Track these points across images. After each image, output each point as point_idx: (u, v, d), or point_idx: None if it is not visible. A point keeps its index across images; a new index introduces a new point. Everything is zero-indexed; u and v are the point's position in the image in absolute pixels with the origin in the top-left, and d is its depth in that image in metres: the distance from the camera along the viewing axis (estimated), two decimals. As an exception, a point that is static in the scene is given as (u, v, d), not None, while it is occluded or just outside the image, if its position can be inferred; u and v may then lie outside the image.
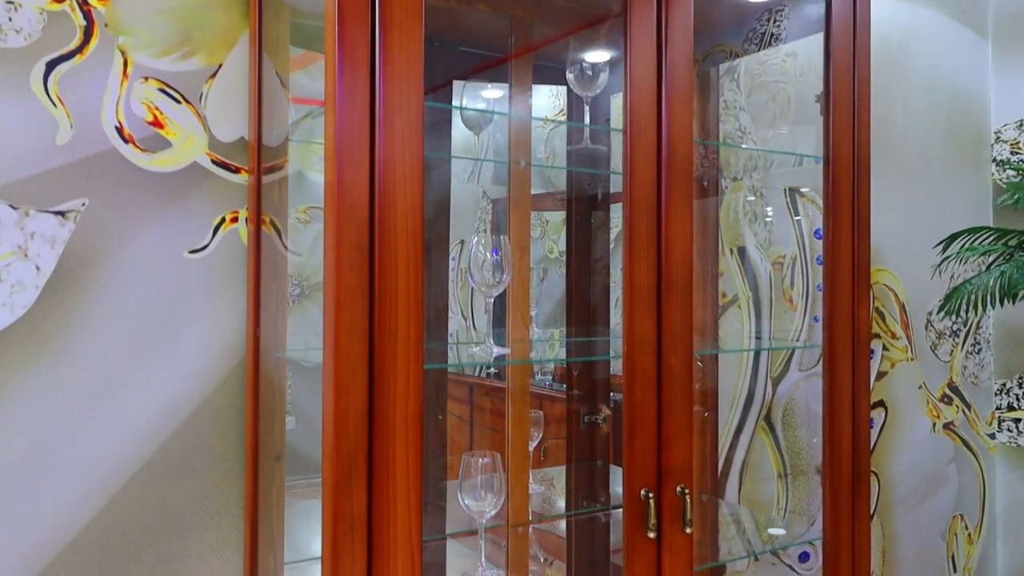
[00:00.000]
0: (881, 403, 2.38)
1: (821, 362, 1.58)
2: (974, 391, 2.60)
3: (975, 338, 2.61)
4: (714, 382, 1.99)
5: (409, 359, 1.04)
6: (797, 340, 2.18)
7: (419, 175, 1.04)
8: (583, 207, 1.88)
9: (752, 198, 2.10)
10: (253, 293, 1.37)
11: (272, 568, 1.35)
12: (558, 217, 1.94)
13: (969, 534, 2.59)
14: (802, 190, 2.20)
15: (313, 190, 1.45)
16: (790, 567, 2.16)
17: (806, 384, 2.18)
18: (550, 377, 2.09)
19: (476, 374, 2.01)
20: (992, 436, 2.64)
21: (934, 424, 2.49)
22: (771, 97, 2.19)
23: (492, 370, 1.96)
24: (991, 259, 1.93)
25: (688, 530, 1.28)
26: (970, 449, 2.59)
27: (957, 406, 2.55)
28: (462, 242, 1.91)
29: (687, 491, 1.28)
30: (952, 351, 2.54)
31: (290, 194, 1.41)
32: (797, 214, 2.19)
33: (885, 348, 2.38)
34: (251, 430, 1.36)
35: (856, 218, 1.53)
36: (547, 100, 1.98)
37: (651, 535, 1.24)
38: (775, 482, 2.15)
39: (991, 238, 1.88)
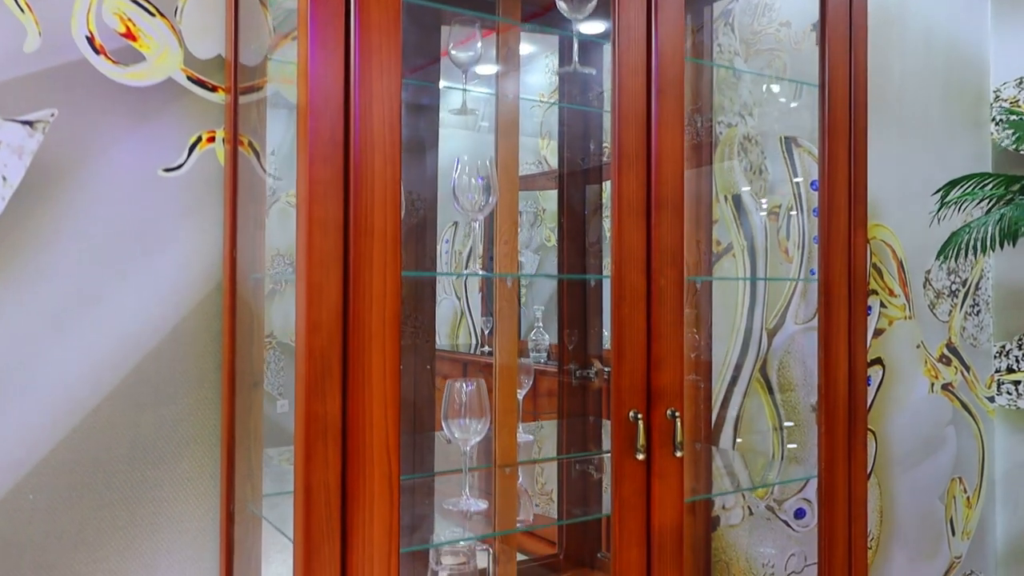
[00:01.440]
0: (879, 361, 2.34)
1: (817, 313, 1.54)
2: (973, 353, 2.56)
3: (974, 299, 2.57)
4: (708, 332, 1.94)
5: (386, 259, 1.00)
6: (793, 292, 2.14)
7: (396, 64, 0.99)
8: (576, 181, 1.85)
9: (747, 145, 2.06)
10: (230, 215, 1.32)
11: (250, 498, 1.31)
12: (554, 205, 1.91)
13: (968, 497, 2.55)
14: (799, 140, 2.16)
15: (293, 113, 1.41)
16: (786, 523, 2.12)
17: (803, 337, 2.14)
18: (545, 355, 2.05)
19: (470, 351, 1.96)
20: (991, 399, 2.60)
21: (932, 384, 2.45)
22: (767, 64, 2.15)
23: (485, 348, 1.92)
24: (990, 205, 1.89)
25: (678, 454, 1.24)
26: (969, 412, 2.55)
27: (956, 367, 2.51)
28: (455, 224, 1.87)
29: (677, 414, 1.24)
30: (951, 311, 2.50)
31: (268, 116, 1.37)
32: (794, 164, 2.15)
33: (883, 305, 2.34)
34: (228, 356, 1.32)
35: (853, 152, 1.49)
36: (543, 77, 1.94)
37: (640, 457, 1.20)
38: (770, 435, 2.10)
39: (992, 183, 1.84)
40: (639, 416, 1.20)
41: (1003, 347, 2.59)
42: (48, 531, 1.20)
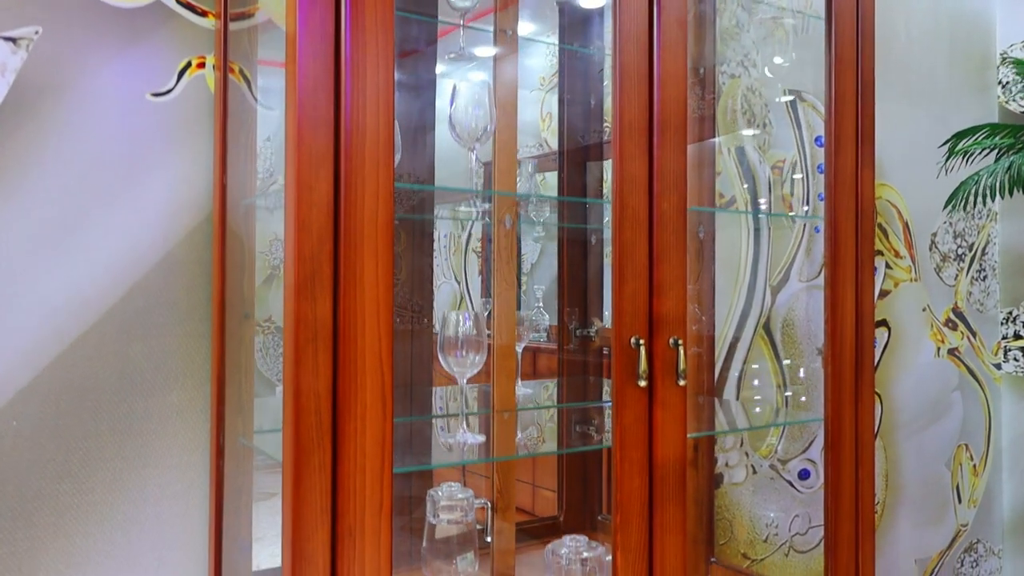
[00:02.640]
0: (884, 323, 2.30)
1: (824, 255, 1.50)
2: (979, 318, 2.52)
3: (980, 264, 2.53)
4: (711, 286, 1.91)
5: (379, 159, 0.96)
6: (797, 248, 2.10)
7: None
8: (577, 157, 1.82)
9: (750, 96, 2.02)
10: (220, 143, 1.29)
11: (240, 432, 1.27)
12: (555, 193, 1.88)
13: (974, 465, 2.51)
14: (803, 95, 2.12)
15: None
16: (790, 483, 2.08)
17: (807, 296, 2.11)
18: (544, 335, 2.02)
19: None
20: (998, 366, 2.56)
21: (938, 349, 2.41)
22: (769, 33, 2.11)
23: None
24: (999, 155, 1.85)
25: (681, 382, 1.20)
26: (975, 378, 2.51)
27: (962, 332, 2.47)
28: (454, 209, 1.84)
29: (680, 342, 1.21)
30: (957, 276, 2.46)
31: (260, 43, 1.33)
32: (798, 119, 2.11)
33: (888, 267, 2.30)
34: (218, 287, 1.28)
35: (860, 87, 1.45)
36: (543, 59, 1.91)
37: (642, 383, 1.16)
38: (774, 392, 2.07)
39: (1000, 133, 1.81)
40: (641, 342, 1.17)
41: (1010, 313, 2.55)
42: (32, 460, 1.17)
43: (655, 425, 1.19)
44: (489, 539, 1.60)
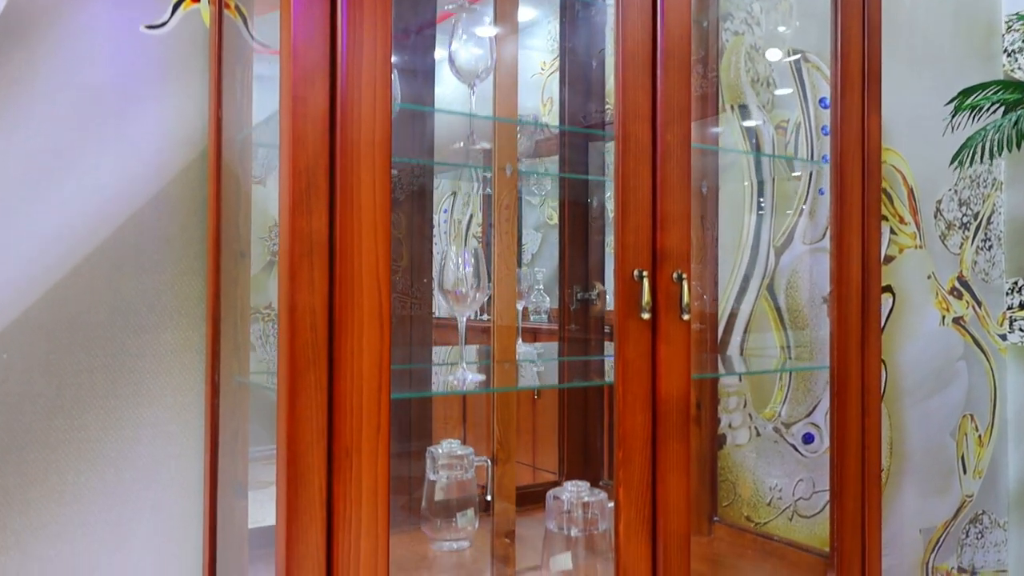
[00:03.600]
0: (889, 289, 2.27)
1: (831, 198, 1.47)
2: (985, 288, 2.49)
3: (986, 233, 2.51)
4: (714, 244, 1.88)
5: (376, 73, 0.94)
6: (801, 211, 2.08)
7: None
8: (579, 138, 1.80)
9: (753, 55, 1.99)
10: (215, 80, 1.26)
11: (236, 371, 1.25)
12: (555, 184, 1.86)
13: (979, 436, 2.49)
14: (807, 56, 2.10)
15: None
16: (794, 447, 2.06)
17: (811, 258, 2.08)
18: (545, 316, 2.00)
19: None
20: (1003, 337, 2.54)
21: (943, 317, 2.39)
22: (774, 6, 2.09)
23: (484, 316, 1.87)
24: (1006, 111, 1.82)
25: (685, 317, 1.18)
26: (980, 348, 2.48)
27: (967, 301, 2.45)
28: (454, 194, 1.82)
29: (684, 276, 1.18)
30: (962, 244, 2.44)
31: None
32: (802, 80, 2.09)
33: (892, 232, 2.28)
34: (213, 225, 1.26)
35: (867, 24, 1.43)
36: (544, 42, 1.89)
37: (645, 316, 1.14)
38: (778, 352, 2.04)
39: (1008, 89, 1.78)
40: (644, 274, 1.14)
41: (1015, 283, 2.53)
42: (23, 393, 1.15)
43: (658, 360, 1.17)
44: (489, 498, 1.58)
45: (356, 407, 0.92)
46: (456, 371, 1.28)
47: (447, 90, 1.59)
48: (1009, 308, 2.54)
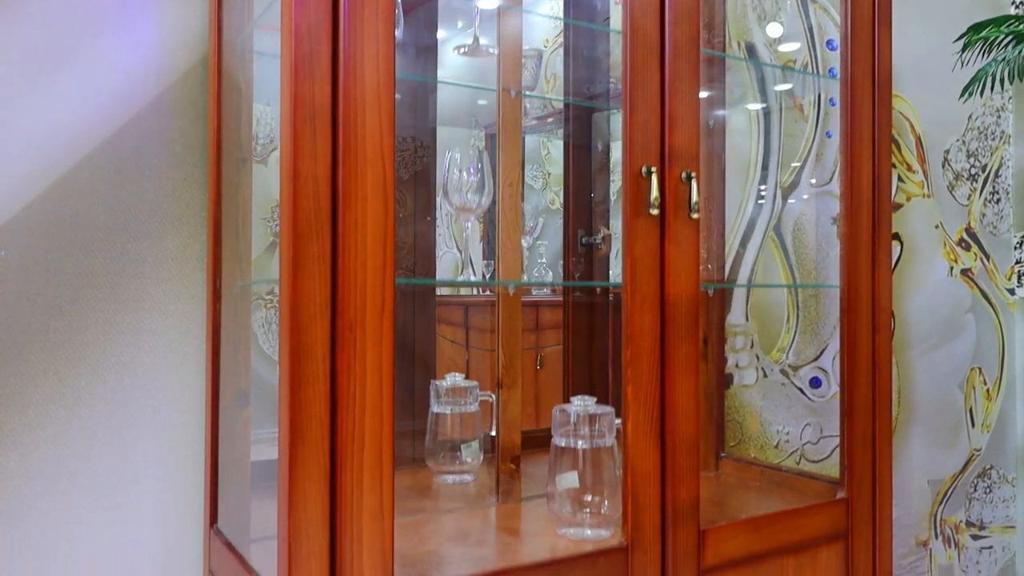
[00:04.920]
0: (897, 237, 2.25)
1: (840, 114, 1.45)
2: (993, 242, 2.47)
3: (994, 186, 2.48)
4: (721, 182, 1.86)
5: (379, -59, 0.92)
6: (808, 153, 2.05)
7: None
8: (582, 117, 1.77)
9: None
10: (217, -17, 1.25)
11: (237, 276, 1.23)
12: (559, 169, 1.84)
13: (988, 390, 2.47)
14: (814, -4, 2.07)
15: None
16: (801, 391, 2.03)
17: (818, 202, 2.06)
18: (548, 290, 1.98)
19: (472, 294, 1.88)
20: (1012, 291, 2.51)
21: (951, 268, 2.36)
22: None
23: (487, 293, 1.85)
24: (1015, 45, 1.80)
25: (694, 215, 1.16)
26: (988, 301, 2.46)
27: (975, 253, 2.42)
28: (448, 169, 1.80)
29: (693, 175, 1.16)
30: (970, 196, 2.42)
31: None
32: (809, 21, 2.06)
33: (900, 180, 2.26)
34: (214, 130, 1.24)
35: None
36: (546, 21, 1.87)
37: (653, 212, 1.12)
38: (784, 295, 2.02)
39: (1018, 22, 1.76)
40: (652, 170, 1.12)
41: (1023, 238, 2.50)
42: (21, 292, 1.13)
43: (666, 259, 1.15)
44: (494, 433, 1.56)
45: (360, 283, 0.90)
46: (459, 275, 1.26)
47: (448, 72, 1.59)
48: (1017, 262, 2.52)
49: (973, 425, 2.43)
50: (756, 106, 1.98)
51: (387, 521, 0.92)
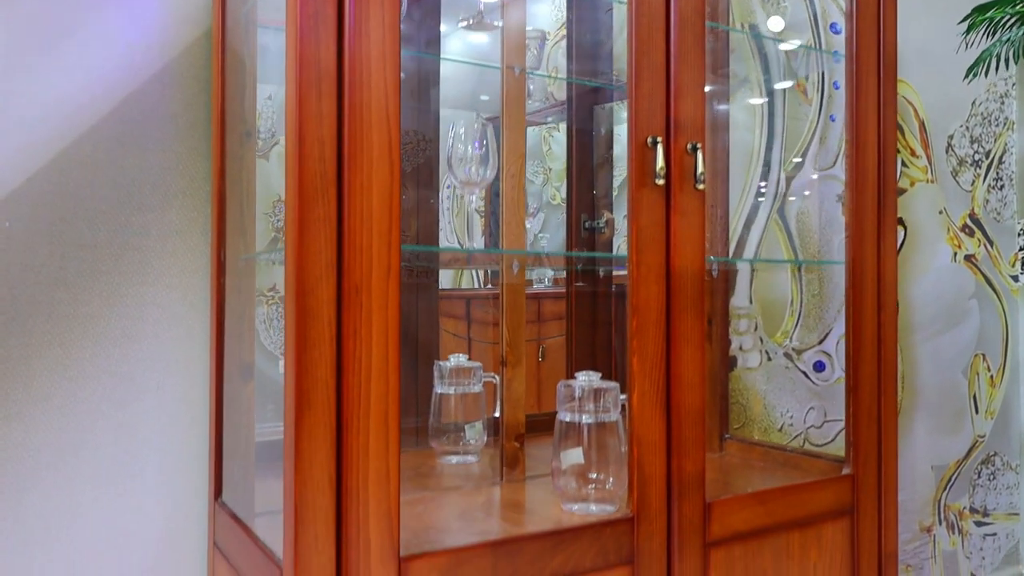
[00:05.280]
0: (900, 222, 2.25)
1: (846, 87, 1.45)
2: (997, 228, 2.47)
3: (998, 172, 2.48)
4: (725, 166, 1.86)
5: (385, -97, 0.91)
6: (812, 136, 2.05)
7: None
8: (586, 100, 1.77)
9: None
10: (221, -44, 1.24)
11: (242, 250, 1.23)
12: (560, 164, 1.84)
13: (991, 376, 2.46)
14: (817, -20, 2.07)
15: None
16: (805, 374, 2.03)
17: (822, 185, 2.06)
18: (549, 282, 1.97)
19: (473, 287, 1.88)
20: (1015, 278, 2.51)
21: (955, 254, 2.36)
22: None
23: (489, 286, 1.84)
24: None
25: (700, 186, 1.15)
26: (992, 287, 2.46)
27: (979, 240, 2.42)
28: (449, 161, 1.80)
29: (698, 147, 1.16)
30: (974, 181, 2.41)
31: None
32: (813, 3, 2.06)
33: (904, 164, 2.25)
34: (218, 103, 1.24)
35: None
36: (549, 10, 1.86)
37: (659, 182, 1.11)
38: (788, 278, 2.02)
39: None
40: (658, 140, 1.12)
41: (1027, 224, 2.50)
42: (26, 264, 1.13)
43: (672, 230, 1.14)
44: (497, 414, 1.56)
45: (366, 245, 0.90)
46: (464, 244, 1.25)
47: (451, 64, 1.58)
48: (1021, 249, 2.51)
49: (977, 412, 2.42)
50: (759, 89, 1.97)
51: (393, 486, 0.92)
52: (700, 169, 1.15)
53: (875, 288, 1.40)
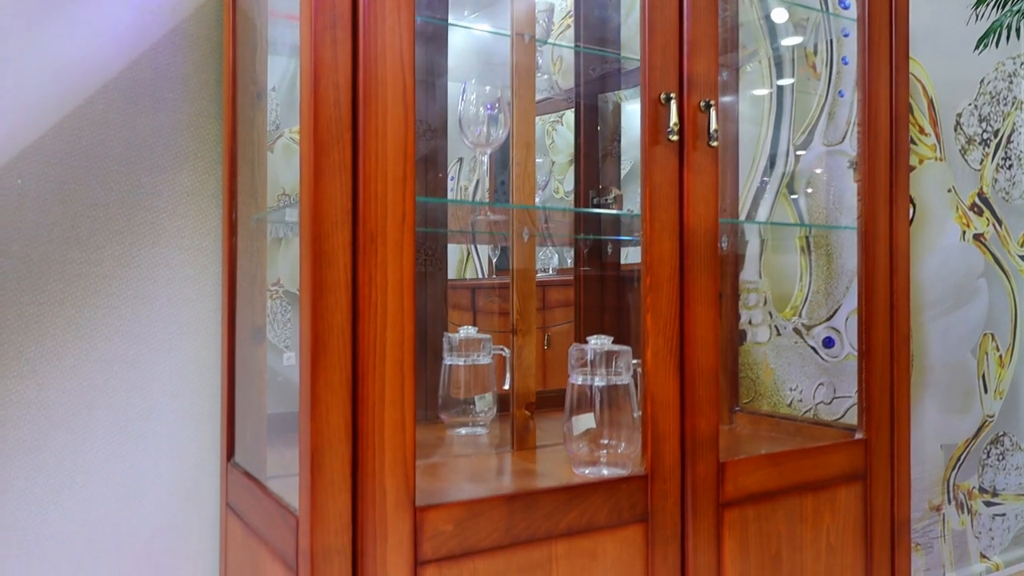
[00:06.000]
0: (909, 199, 2.24)
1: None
2: (1005, 208, 2.46)
3: (1006, 152, 2.47)
4: (735, 139, 1.85)
5: None
6: (821, 111, 2.04)
7: None
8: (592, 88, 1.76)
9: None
10: (232, -83, 1.24)
11: (253, 211, 1.22)
12: (563, 158, 1.83)
13: (1000, 356, 2.45)
14: (826, -45, 2.06)
15: None
16: (814, 350, 2.02)
17: (831, 160, 2.05)
18: (553, 272, 1.97)
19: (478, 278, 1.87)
20: (1024, 258, 2.50)
21: (964, 232, 2.35)
22: None
23: (494, 277, 1.83)
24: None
25: (713, 143, 1.15)
26: (1001, 267, 2.45)
27: (988, 219, 2.41)
28: (460, 160, 1.80)
29: (712, 104, 1.15)
30: (983, 160, 2.40)
31: None
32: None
33: (913, 142, 2.24)
34: (228, 64, 1.23)
35: None
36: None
37: (672, 138, 1.11)
38: (797, 255, 2.01)
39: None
40: (672, 96, 1.12)
41: (1036, 204, 2.49)
42: (38, 222, 1.12)
43: (685, 188, 1.14)
44: (507, 387, 1.55)
45: (381, 192, 0.90)
46: (475, 214, 1.25)
47: (456, 56, 1.58)
48: (1030, 229, 2.51)
49: (986, 391, 2.41)
50: (768, 62, 1.96)
51: (409, 435, 0.92)
52: (714, 126, 1.15)
53: (887, 252, 1.39)
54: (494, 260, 1.85)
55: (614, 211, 1.68)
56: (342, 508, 0.87)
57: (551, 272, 1.92)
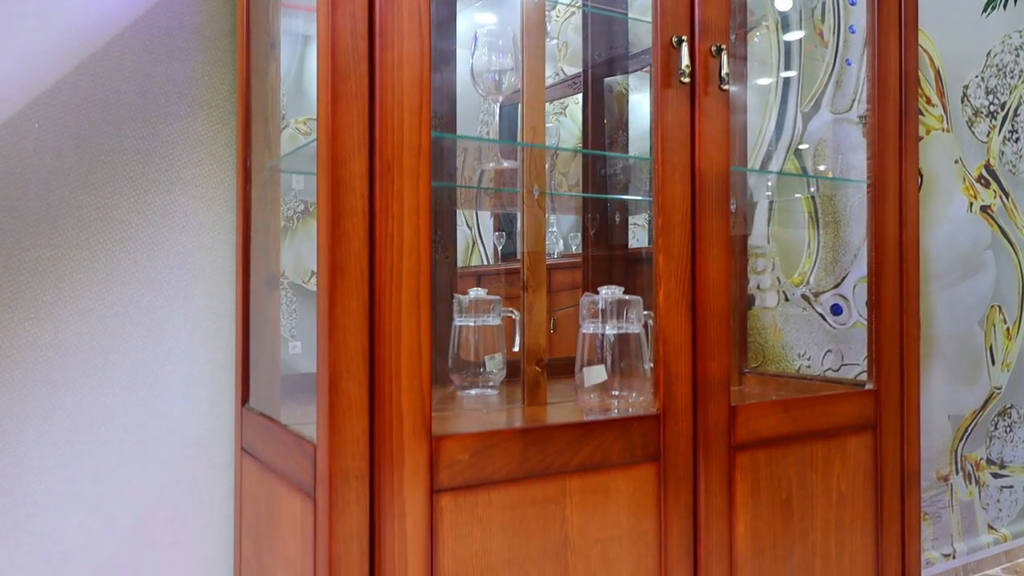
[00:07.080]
0: (918, 153, 2.24)
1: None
2: (1012, 180, 2.46)
3: (1013, 124, 2.47)
4: (743, 108, 1.86)
5: None
6: (828, 79, 2.05)
7: None
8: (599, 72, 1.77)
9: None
10: None
11: (267, 159, 1.23)
12: (567, 154, 1.84)
13: (1008, 328, 2.46)
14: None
15: None
16: (822, 316, 2.03)
17: (837, 128, 2.06)
18: (557, 255, 1.98)
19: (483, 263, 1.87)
20: (1031, 231, 2.50)
21: (971, 204, 2.36)
22: None
23: (500, 265, 1.83)
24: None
25: (725, 87, 1.15)
26: (1008, 240, 2.45)
27: (995, 191, 2.42)
28: (465, 150, 1.80)
29: (723, 48, 1.16)
30: (989, 132, 2.41)
31: None
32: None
33: (920, 112, 2.25)
34: (242, 13, 1.24)
35: None
36: None
37: (684, 80, 1.12)
38: (805, 220, 2.02)
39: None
40: (683, 39, 1.12)
41: (1043, 176, 2.49)
42: (54, 167, 1.13)
43: (697, 132, 1.14)
44: (517, 348, 1.56)
45: (397, 122, 0.91)
46: (489, 162, 1.26)
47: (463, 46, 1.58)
48: (1037, 202, 2.51)
49: (993, 363, 2.42)
50: (776, 26, 1.97)
51: (425, 364, 0.92)
52: (725, 70, 1.15)
53: (897, 204, 1.40)
54: (499, 247, 1.85)
55: (625, 154, 1.68)
56: (359, 432, 0.88)
57: (556, 256, 1.93)
